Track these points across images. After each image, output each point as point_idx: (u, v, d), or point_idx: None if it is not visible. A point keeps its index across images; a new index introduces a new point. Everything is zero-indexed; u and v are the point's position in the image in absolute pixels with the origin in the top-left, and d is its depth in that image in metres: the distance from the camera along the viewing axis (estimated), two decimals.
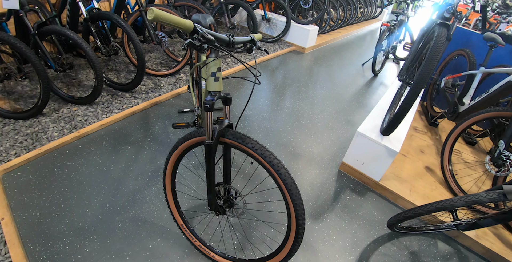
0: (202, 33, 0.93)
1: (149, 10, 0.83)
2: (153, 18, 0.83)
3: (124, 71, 2.77)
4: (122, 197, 1.74)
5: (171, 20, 0.88)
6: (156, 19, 0.84)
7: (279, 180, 1.08)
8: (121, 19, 2.04)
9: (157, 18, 0.84)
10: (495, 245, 1.79)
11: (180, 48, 3.21)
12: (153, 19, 0.84)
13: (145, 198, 1.75)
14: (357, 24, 5.74)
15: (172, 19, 0.88)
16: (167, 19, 0.87)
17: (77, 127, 2.15)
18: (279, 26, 3.97)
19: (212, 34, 0.99)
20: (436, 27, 1.54)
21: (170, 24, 0.88)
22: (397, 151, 1.88)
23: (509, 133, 1.77)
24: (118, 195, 1.75)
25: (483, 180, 2.21)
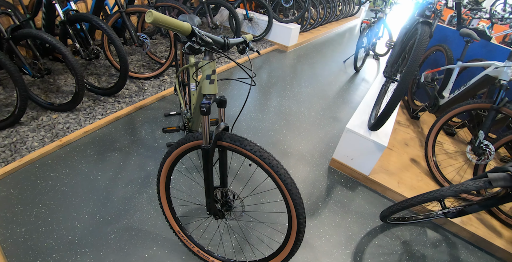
0: (200, 35, 0.91)
1: (147, 13, 0.81)
2: (152, 21, 0.81)
3: (105, 75, 2.67)
4: (112, 207, 1.68)
5: (169, 23, 0.86)
6: (154, 22, 0.82)
7: (279, 180, 1.09)
8: (101, 20, 1.96)
9: (156, 21, 0.81)
10: (479, 229, 1.89)
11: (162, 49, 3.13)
12: (151, 22, 0.81)
13: (137, 206, 1.70)
14: (336, 21, 5.84)
15: (171, 22, 0.86)
16: (165, 22, 0.84)
17: (58, 136, 2.05)
18: (261, 25, 3.96)
19: (209, 36, 0.97)
20: (419, 25, 1.59)
21: (169, 27, 0.86)
22: (385, 145, 1.93)
23: (487, 123, 1.87)
24: (108, 204, 1.69)
25: (465, 169, 2.33)
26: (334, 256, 1.64)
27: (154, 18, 0.81)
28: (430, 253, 1.79)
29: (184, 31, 0.89)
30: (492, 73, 1.85)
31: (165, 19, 0.83)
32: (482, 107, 1.89)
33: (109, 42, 2.39)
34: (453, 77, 2.25)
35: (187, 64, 1.75)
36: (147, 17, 0.81)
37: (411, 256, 1.75)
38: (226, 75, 3.27)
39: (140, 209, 1.69)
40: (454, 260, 1.78)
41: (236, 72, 3.37)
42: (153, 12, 0.80)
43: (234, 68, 3.45)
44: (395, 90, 1.55)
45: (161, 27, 0.85)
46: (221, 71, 3.30)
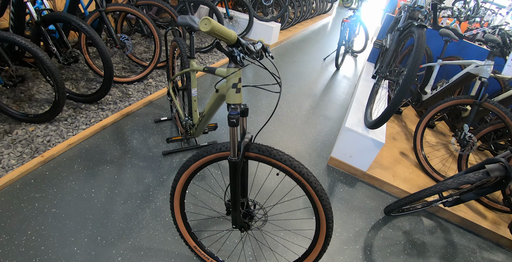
0: (246, 45, 0.86)
1: (203, 21, 0.72)
2: (209, 31, 0.73)
3: (82, 80, 2.43)
4: (114, 226, 1.55)
5: (222, 32, 0.79)
6: (211, 32, 0.74)
7: (309, 188, 1.09)
8: (82, 21, 1.76)
9: (213, 30, 0.74)
10: (467, 214, 2.06)
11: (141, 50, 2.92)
12: (208, 31, 0.73)
13: (141, 222, 1.59)
14: (311, 19, 5.94)
15: (223, 31, 0.79)
16: (221, 31, 0.77)
17: (39, 151, 1.83)
18: (242, 24, 3.89)
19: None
20: (414, 28, 1.67)
21: (220, 35, 0.79)
22: (383, 142, 2.01)
23: (471, 117, 2.03)
24: (109, 224, 1.55)
25: (447, 158, 2.52)
26: (346, 253, 1.68)
27: (212, 27, 0.73)
28: (428, 239, 1.92)
29: (231, 40, 0.83)
30: (473, 71, 2.01)
31: (219, 27, 0.76)
32: (466, 102, 2.04)
33: (87, 44, 2.17)
34: (434, 74, 2.41)
35: (187, 68, 1.65)
36: (203, 26, 0.73)
37: (413, 244, 1.86)
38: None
39: (146, 226, 1.58)
40: (449, 244, 1.92)
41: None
42: (211, 20, 0.72)
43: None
44: (398, 92, 1.61)
45: (214, 36, 0.79)
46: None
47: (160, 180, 1.85)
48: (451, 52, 2.66)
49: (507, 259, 1.94)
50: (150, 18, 2.21)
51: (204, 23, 0.74)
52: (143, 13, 2.17)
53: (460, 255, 1.89)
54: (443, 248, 1.90)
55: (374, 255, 1.74)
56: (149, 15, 2.32)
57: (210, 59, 3.39)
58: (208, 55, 3.46)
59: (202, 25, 0.74)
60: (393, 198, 2.16)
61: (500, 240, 2.00)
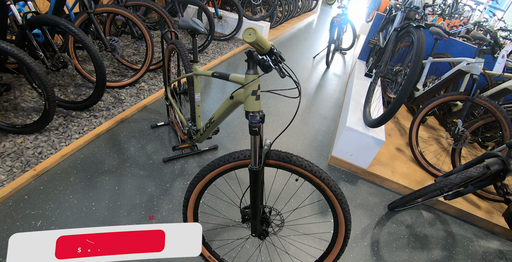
0: (279, 53, 0.83)
1: (247, 30, 0.70)
2: (253, 41, 0.71)
3: (70, 86, 2.29)
4: None
5: (263, 42, 0.79)
6: (255, 42, 0.73)
7: (329, 192, 1.10)
8: (72, 24, 1.65)
9: (257, 40, 0.72)
10: (463, 205, 2.15)
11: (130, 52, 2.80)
12: (252, 42, 0.72)
13: None
14: (297, 17, 5.96)
15: (264, 41, 0.79)
16: (262, 41, 0.76)
17: (30, 164, 1.71)
18: (231, 23, 3.82)
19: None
20: (413, 29, 1.70)
21: (260, 45, 0.78)
22: (383, 140, 2.05)
23: (464, 113, 2.11)
24: None
25: (440, 152, 2.61)
26: (356, 250, 1.71)
27: (257, 37, 0.72)
28: (429, 232, 1.98)
29: (267, 49, 0.81)
30: (465, 68, 2.08)
31: (261, 37, 0.75)
32: (459, 98, 2.12)
33: (74, 47, 2.05)
34: (425, 71, 2.48)
35: (189, 72, 1.60)
36: (247, 36, 0.71)
37: (416, 237, 1.92)
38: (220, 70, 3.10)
39: None
40: (448, 235, 2.00)
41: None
42: (256, 31, 0.70)
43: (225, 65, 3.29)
44: (400, 92, 1.65)
45: (254, 46, 0.79)
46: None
47: (164, 188, 1.79)
48: (439, 49, 2.75)
49: (501, 245, 2.05)
50: (140, 19, 2.11)
51: (248, 34, 0.72)
52: (133, 14, 2.08)
53: (459, 244, 1.97)
54: (443, 239, 1.97)
55: (382, 251, 1.78)
56: (137, 15, 2.21)
57: (202, 60, 3.31)
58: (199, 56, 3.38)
59: (245, 35, 0.72)
60: (393, 193, 2.22)
61: (494, 228, 2.11)
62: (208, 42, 3.18)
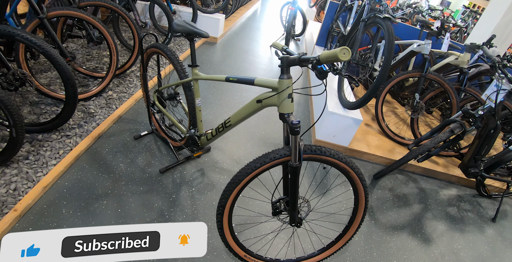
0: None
1: (342, 50, 0.74)
2: (348, 59, 0.76)
3: (25, 105, 1.94)
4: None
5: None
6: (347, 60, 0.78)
7: (352, 173, 1.25)
8: (30, 34, 1.38)
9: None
10: (426, 164, 2.54)
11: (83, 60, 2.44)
12: (347, 60, 0.76)
13: None
14: (244, 6, 5.89)
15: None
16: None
17: (7, 204, 1.45)
18: (185, 18, 3.59)
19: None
20: (381, 20, 1.89)
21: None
22: (361, 119, 2.28)
23: (419, 87, 2.45)
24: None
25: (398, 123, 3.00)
26: None
27: (350, 55, 0.79)
28: (406, 191, 2.33)
29: (341, 61, 0.85)
30: (416, 49, 2.40)
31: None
32: (415, 75, 2.45)
33: (26, 58, 1.72)
34: (380, 53, 2.78)
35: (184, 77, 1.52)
36: (342, 55, 0.76)
37: (398, 197, 2.24)
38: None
39: None
40: (420, 191, 2.38)
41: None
42: (349, 51, 0.75)
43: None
44: (379, 76, 1.84)
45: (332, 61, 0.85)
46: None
47: (170, 200, 1.71)
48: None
49: (459, 191, 2.52)
50: (100, 21, 1.87)
51: (343, 53, 0.77)
52: (91, 16, 1.82)
53: (429, 196, 2.36)
54: (417, 195, 2.34)
55: (376, 214, 2.04)
56: (96, 18, 1.93)
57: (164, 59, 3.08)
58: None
59: (340, 54, 0.78)
60: (372, 164, 2.50)
61: (451, 179, 2.57)
62: (169, 39, 2.98)
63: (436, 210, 2.23)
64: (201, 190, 1.82)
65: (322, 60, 0.87)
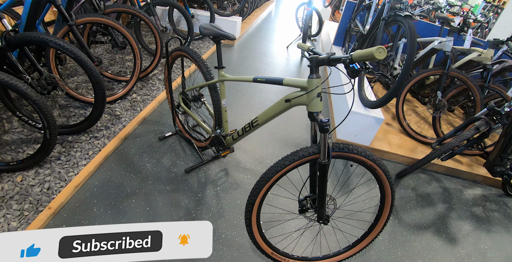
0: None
1: (377, 49, 0.76)
2: (383, 58, 0.80)
3: (54, 108, 2.03)
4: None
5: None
6: (382, 58, 0.79)
7: (379, 171, 1.24)
8: (62, 40, 1.46)
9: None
10: (449, 163, 2.49)
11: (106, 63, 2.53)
12: (382, 58, 0.80)
13: None
14: (259, 8, 5.95)
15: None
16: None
17: (42, 203, 1.52)
18: (202, 22, 3.66)
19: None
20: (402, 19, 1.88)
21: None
22: (383, 118, 2.26)
23: (441, 85, 2.41)
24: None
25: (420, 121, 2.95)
26: None
27: (386, 54, 0.79)
28: (430, 190, 2.29)
29: (377, 59, 0.87)
30: (437, 46, 2.37)
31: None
32: (437, 73, 2.41)
33: (56, 64, 1.81)
34: (400, 51, 2.75)
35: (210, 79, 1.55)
36: (378, 54, 0.78)
37: (422, 197, 2.20)
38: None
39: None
40: (444, 190, 2.33)
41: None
42: (385, 50, 0.76)
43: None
44: (401, 75, 1.83)
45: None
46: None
47: (196, 199, 1.75)
48: None
49: (484, 191, 2.45)
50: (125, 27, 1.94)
51: (378, 52, 0.79)
52: (117, 22, 1.90)
53: (454, 196, 2.31)
54: (441, 194, 2.29)
55: (400, 213, 2.01)
56: (121, 24, 2.01)
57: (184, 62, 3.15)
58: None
59: (377, 53, 0.79)
60: (394, 163, 2.47)
61: (476, 178, 2.50)
62: (188, 43, 3.05)
63: (461, 210, 2.18)
64: (226, 189, 1.85)
65: (355, 59, 0.88)
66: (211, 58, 3.60)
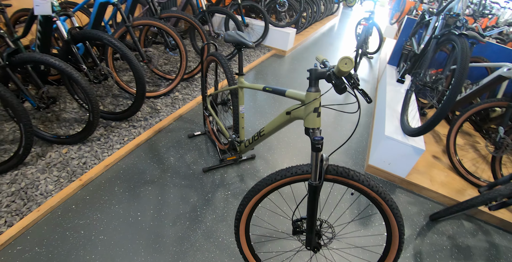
0: (356, 76, 0.83)
1: (343, 60, 0.74)
2: (348, 70, 0.75)
3: (108, 96, 2.35)
4: (167, 251, 1.49)
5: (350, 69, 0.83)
6: (348, 71, 0.76)
7: (384, 206, 1.10)
8: (114, 38, 1.69)
9: (350, 69, 0.75)
10: (505, 214, 2.07)
11: (161, 62, 2.84)
12: (348, 71, 0.76)
13: (195, 245, 1.54)
14: (320, 21, 5.94)
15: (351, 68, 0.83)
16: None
17: (76, 174, 1.76)
18: (257, 31, 3.84)
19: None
20: (455, 37, 1.67)
21: (347, 72, 0.79)
22: (423, 149, 2.00)
23: (506, 120, 2.04)
24: (162, 249, 1.50)
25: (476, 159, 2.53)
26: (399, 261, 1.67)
27: (352, 66, 0.74)
28: (472, 243, 1.92)
29: (346, 73, 0.81)
30: (506, 74, 2.02)
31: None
32: (500, 105, 2.05)
33: (113, 59, 2.10)
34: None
35: (233, 84, 1.60)
36: (343, 65, 0.74)
37: (459, 248, 1.85)
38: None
39: (200, 249, 1.53)
40: (491, 246, 1.93)
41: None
42: (352, 60, 0.72)
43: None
44: (446, 100, 1.61)
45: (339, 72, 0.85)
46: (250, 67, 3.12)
47: (206, 198, 1.79)
48: (474, 52, 2.67)
49: None
50: (175, 30, 2.15)
51: (344, 63, 0.76)
52: (168, 26, 2.11)
53: (503, 256, 1.89)
54: (486, 250, 1.90)
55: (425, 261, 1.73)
56: (172, 27, 2.25)
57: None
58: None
59: (342, 64, 0.75)
60: (433, 203, 2.16)
61: None
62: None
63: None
64: (236, 195, 1.86)
65: (336, 73, 0.84)
66: (259, 67, 3.69)
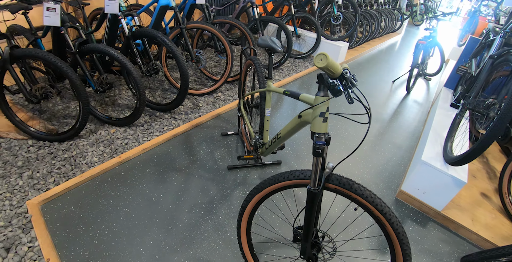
0: (350, 78, 0.83)
1: (318, 56, 0.77)
2: (323, 66, 0.75)
3: (158, 90, 2.63)
4: (178, 233, 1.58)
5: (333, 66, 0.82)
6: (326, 67, 0.76)
7: (389, 228, 1.00)
8: (166, 37, 1.92)
9: (328, 65, 0.76)
10: None
11: (211, 64, 3.08)
12: (323, 67, 0.75)
13: (203, 234, 1.60)
14: (379, 38, 5.73)
15: (335, 66, 0.82)
16: (332, 66, 0.78)
17: (117, 152, 1.99)
18: (308, 42, 3.90)
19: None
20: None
21: (330, 70, 0.80)
22: (465, 181, 1.77)
23: None
24: (173, 231, 1.59)
25: None
26: None
27: (327, 62, 0.75)
28: None
29: (337, 74, 0.82)
30: None
31: (333, 63, 0.77)
32: None
33: (166, 57, 2.35)
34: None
35: (263, 87, 1.67)
36: (318, 61, 0.77)
37: None
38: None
39: (207, 238, 1.58)
40: None
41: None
42: (328, 57, 0.74)
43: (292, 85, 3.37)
44: (492, 128, 1.42)
45: (326, 71, 0.83)
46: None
47: (224, 194, 1.86)
48: None
49: None
50: (224, 35, 2.32)
51: (319, 59, 0.76)
52: (218, 31, 2.29)
53: None
54: None
55: None
56: (221, 31, 2.44)
57: (277, 76, 3.42)
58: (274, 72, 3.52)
59: (317, 60, 0.76)
60: (470, 245, 1.87)
61: None
62: (285, 59, 3.29)
63: None
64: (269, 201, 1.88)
65: (328, 74, 0.83)
66: (305, 77, 3.67)
